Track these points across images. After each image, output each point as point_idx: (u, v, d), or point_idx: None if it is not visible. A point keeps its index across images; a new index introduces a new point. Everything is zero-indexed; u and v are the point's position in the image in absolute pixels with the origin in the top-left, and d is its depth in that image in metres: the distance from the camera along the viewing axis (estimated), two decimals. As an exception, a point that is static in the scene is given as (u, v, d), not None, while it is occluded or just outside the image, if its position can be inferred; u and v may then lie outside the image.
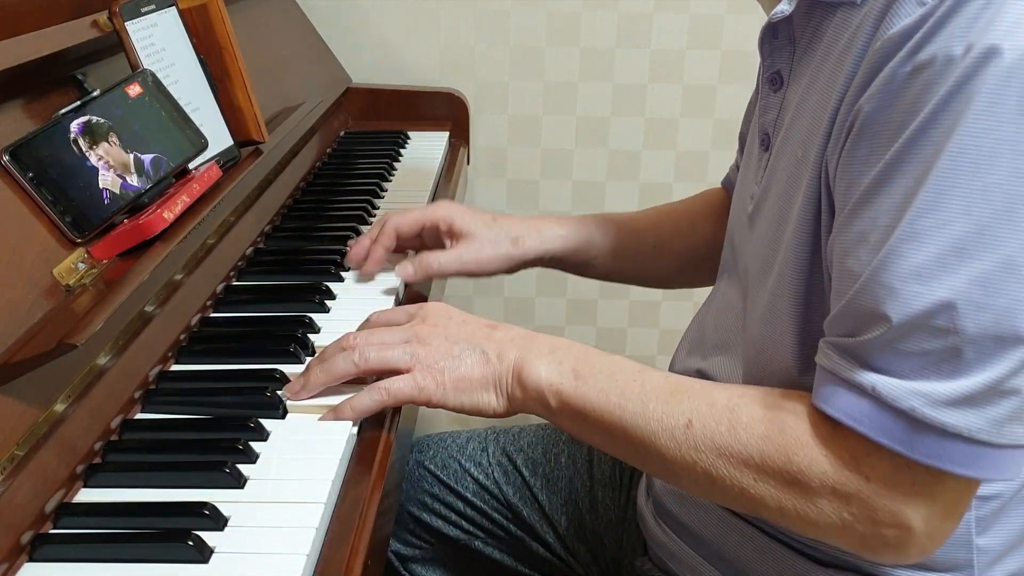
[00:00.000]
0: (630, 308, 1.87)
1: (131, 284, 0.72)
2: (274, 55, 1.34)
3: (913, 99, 0.57)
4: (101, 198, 0.77)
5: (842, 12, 0.65)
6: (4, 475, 0.60)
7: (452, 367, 0.74)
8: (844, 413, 0.60)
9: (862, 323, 0.60)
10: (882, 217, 0.58)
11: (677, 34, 1.68)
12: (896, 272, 0.57)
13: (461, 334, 0.75)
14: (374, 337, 0.76)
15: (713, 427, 0.66)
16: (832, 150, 0.63)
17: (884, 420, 0.59)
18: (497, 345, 0.75)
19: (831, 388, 0.62)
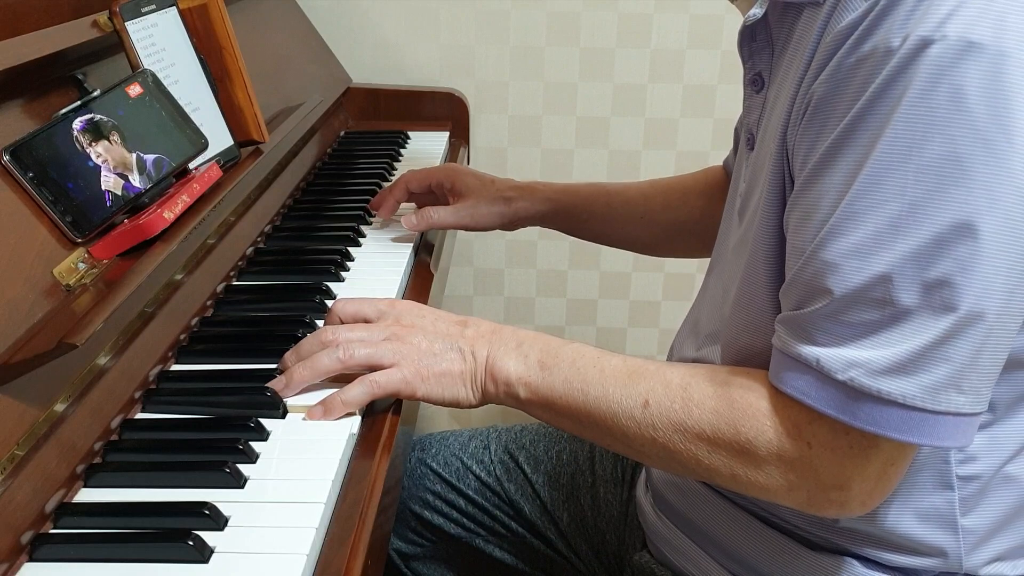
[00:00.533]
0: (630, 308, 1.87)
1: (131, 284, 0.72)
2: (274, 55, 1.34)
3: (856, 87, 0.61)
4: (102, 197, 0.77)
5: (808, 12, 0.69)
6: (4, 475, 0.60)
7: (434, 363, 0.78)
8: (793, 387, 0.65)
9: (807, 296, 0.64)
10: (825, 196, 0.63)
11: (677, 34, 1.68)
12: (837, 249, 0.62)
13: (437, 332, 0.80)
14: (355, 334, 0.79)
15: (668, 405, 0.71)
16: (791, 132, 0.67)
17: (826, 391, 0.63)
18: (470, 342, 0.79)
19: (780, 364, 0.67)
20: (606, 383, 0.74)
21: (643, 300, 1.86)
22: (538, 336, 0.80)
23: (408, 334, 0.79)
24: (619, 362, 0.76)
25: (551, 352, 0.77)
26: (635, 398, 0.72)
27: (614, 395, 0.73)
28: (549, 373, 0.76)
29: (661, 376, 0.73)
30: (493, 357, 0.78)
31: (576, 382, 0.75)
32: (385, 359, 0.77)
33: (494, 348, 0.78)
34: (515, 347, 0.78)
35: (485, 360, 0.78)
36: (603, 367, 0.75)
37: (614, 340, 1.89)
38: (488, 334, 0.80)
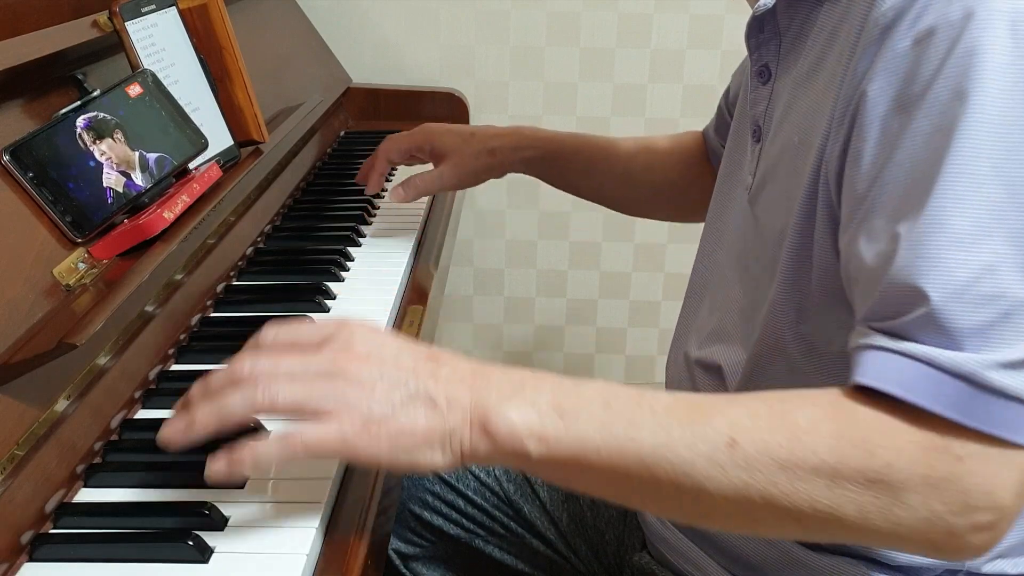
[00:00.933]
0: (630, 308, 1.87)
1: (131, 284, 0.72)
2: (274, 55, 1.34)
3: (919, 69, 0.56)
4: (103, 197, 0.77)
5: (827, 5, 0.66)
6: (4, 475, 0.60)
7: (390, 416, 0.57)
8: (904, 387, 0.55)
9: (902, 304, 0.56)
10: (911, 191, 0.57)
11: (677, 34, 1.68)
12: (935, 242, 0.55)
13: (399, 370, 0.59)
14: (281, 366, 0.59)
15: (766, 438, 0.56)
16: (834, 141, 0.62)
17: (943, 386, 0.54)
18: (445, 388, 0.59)
19: (885, 364, 0.56)
20: (665, 423, 0.58)
21: (643, 300, 1.86)
22: (540, 374, 0.61)
23: (358, 371, 0.58)
24: (668, 397, 0.60)
25: (568, 392, 0.60)
26: (714, 438, 0.56)
27: (682, 438, 0.57)
28: (574, 420, 0.58)
29: (741, 406, 0.59)
30: (483, 408, 0.58)
31: (619, 427, 0.58)
32: (320, 404, 0.57)
33: (482, 396, 0.59)
34: (513, 391, 0.59)
35: (469, 413, 0.58)
36: (651, 405, 0.59)
37: (614, 340, 1.89)
38: (470, 376, 0.60)
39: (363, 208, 1.21)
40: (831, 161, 0.63)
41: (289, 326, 0.63)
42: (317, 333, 0.61)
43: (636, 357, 1.90)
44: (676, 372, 0.89)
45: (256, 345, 0.62)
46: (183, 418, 0.60)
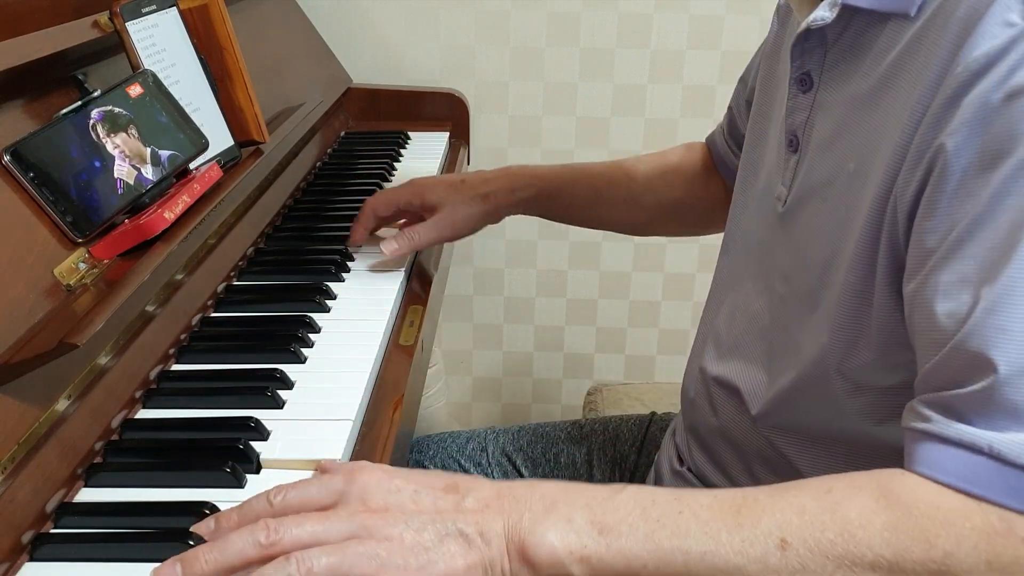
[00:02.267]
0: (630, 308, 1.87)
1: (132, 284, 0.72)
2: (274, 55, 1.34)
3: (1010, 127, 0.54)
4: (105, 196, 0.77)
5: (893, 23, 0.63)
6: (5, 475, 0.60)
7: (428, 563, 0.56)
8: (964, 479, 0.54)
9: (965, 373, 0.55)
10: (987, 255, 0.55)
11: (677, 34, 1.68)
12: (1011, 313, 0.53)
13: (423, 514, 0.58)
14: (305, 529, 0.56)
15: (818, 536, 0.55)
16: (905, 186, 0.60)
17: (1009, 479, 0.53)
18: (475, 519, 0.58)
19: (941, 455, 0.55)
20: (711, 530, 0.56)
21: (643, 300, 1.86)
22: (567, 487, 0.60)
23: (383, 524, 0.57)
24: (708, 499, 0.58)
25: (604, 505, 0.58)
26: (763, 540, 0.55)
27: (731, 543, 0.55)
28: (616, 535, 0.56)
29: (786, 503, 0.57)
30: (518, 532, 0.57)
31: (663, 538, 0.56)
32: (357, 568, 0.55)
33: (514, 520, 0.57)
34: (545, 511, 0.58)
35: (504, 539, 0.57)
36: (693, 509, 0.57)
37: (614, 340, 1.89)
38: (495, 501, 0.58)
39: (363, 208, 1.21)
40: (902, 204, 0.61)
41: (293, 486, 0.60)
42: (326, 490, 0.60)
43: (636, 357, 1.90)
44: (693, 384, 0.88)
45: (261, 509, 0.59)
46: None
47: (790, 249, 0.75)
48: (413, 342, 0.91)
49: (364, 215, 1.07)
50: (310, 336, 0.87)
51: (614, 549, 0.56)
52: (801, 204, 0.73)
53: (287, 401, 0.77)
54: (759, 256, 0.80)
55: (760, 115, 0.85)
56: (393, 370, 0.85)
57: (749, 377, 0.79)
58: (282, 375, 0.79)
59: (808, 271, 0.71)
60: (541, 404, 1.96)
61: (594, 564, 0.56)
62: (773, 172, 0.79)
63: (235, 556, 0.55)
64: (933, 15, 0.60)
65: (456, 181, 1.07)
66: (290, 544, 0.56)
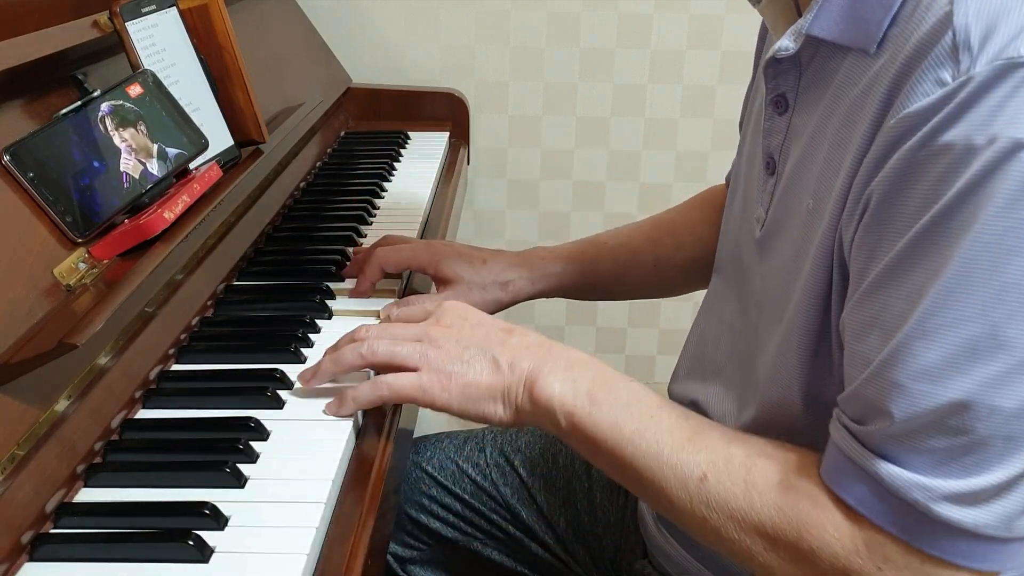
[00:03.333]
0: (630, 308, 1.87)
1: (132, 284, 0.72)
2: (274, 55, 1.34)
3: (930, 186, 0.54)
4: (105, 196, 0.77)
5: (853, 57, 0.63)
6: (5, 475, 0.60)
7: (460, 372, 0.72)
8: (853, 497, 0.59)
9: (868, 413, 0.58)
10: (893, 306, 0.56)
11: (677, 34, 1.68)
12: (904, 370, 0.55)
13: (474, 338, 0.73)
14: (386, 332, 0.75)
15: (728, 486, 0.63)
16: (846, 223, 0.61)
17: (889, 509, 0.57)
18: (511, 352, 0.72)
19: (841, 469, 0.60)
20: (661, 440, 0.66)
21: (643, 300, 1.86)
22: (592, 361, 0.72)
23: (442, 336, 0.73)
24: (679, 418, 0.68)
25: (605, 384, 0.70)
26: (692, 468, 0.64)
27: (668, 458, 0.65)
28: (597, 408, 0.68)
29: (725, 448, 0.65)
30: (536, 373, 0.70)
31: (627, 428, 0.67)
32: (408, 360, 0.73)
33: (539, 363, 0.71)
34: (564, 368, 0.71)
35: (525, 375, 0.71)
36: (660, 419, 0.67)
37: (614, 340, 1.89)
38: (535, 347, 0.73)
39: (363, 208, 1.21)
40: (847, 232, 0.61)
41: (408, 301, 0.86)
42: (422, 310, 0.81)
43: (636, 357, 1.90)
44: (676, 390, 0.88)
45: (383, 320, 0.81)
46: (310, 369, 0.77)
47: (764, 276, 0.74)
48: (413, 342, 0.91)
49: (372, 268, 0.97)
50: (310, 336, 0.87)
51: (592, 418, 0.68)
52: (775, 231, 0.72)
53: (287, 401, 0.77)
54: (739, 280, 0.80)
55: (744, 131, 0.85)
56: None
57: (721, 404, 0.79)
58: (282, 375, 0.79)
59: (775, 304, 0.71)
60: (541, 404, 1.96)
61: (574, 421, 0.69)
62: (753, 193, 0.77)
63: (348, 362, 0.75)
64: (890, 57, 0.59)
65: (477, 260, 0.99)
66: (370, 337, 0.75)
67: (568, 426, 0.69)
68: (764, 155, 0.74)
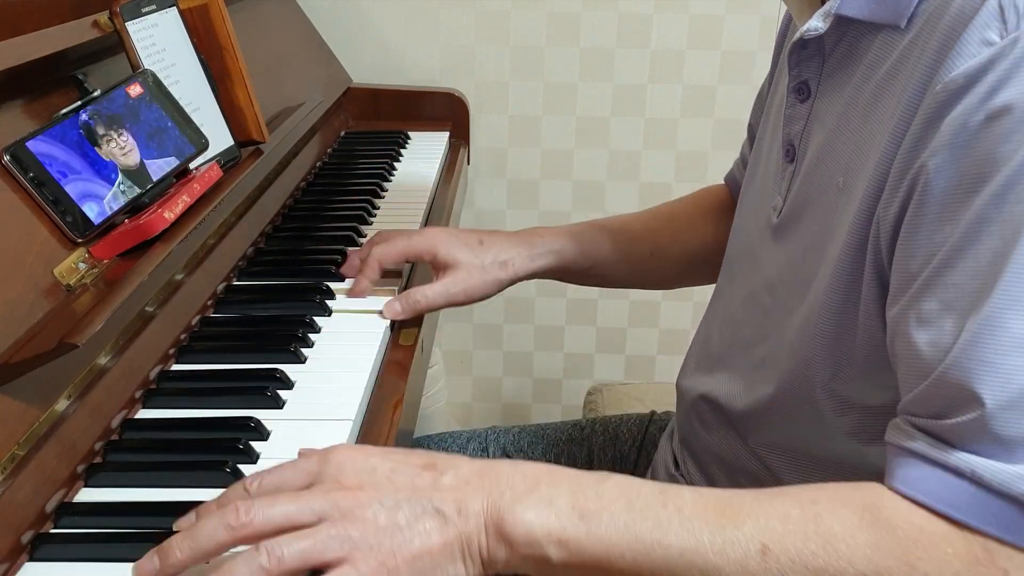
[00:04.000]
0: (630, 308, 1.87)
1: (132, 284, 0.72)
2: (275, 55, 1.34)
3: (990, 149, 0.52)
4: (105, 196, 0.77)
5: (884, 35, 0.62)
6: (5, 475, 0.60)
7: (402, 543, 0.55)
8: (951, 505, 0.53)
9: (949, 406, 0.54)
10: (969, 283, 0.53)
11: (677, 34, 1.68)
12: (995, 345, 0.52)
13: (399, 492, 0.57)
14: (276, 512, 0.55)
15: (800, 547, 0.54)
16: (887, 206, 0.59)
17: (994, 509, 0.52)
18: (452, 496, 0.57)
19: (929, 478, 0.54)
20: (693, 527, 0.56)
21: (643, 300, 1.86)
22: (553, 469, 0.60)
23: (356, 504, 0.55)
24: (693, 495, 0.58)
25: (587, 491, 0.58)
26: (745, 544, 0.55)
27: (711, 543, 0.55)
28: (596, 522, 0.56)
29: (771, 509, 0.56)
30: (498, 509, 0.56)
31: (645, 531, 0.56)
32: (329, 552, 0.54)
33: (494, 497, 0.57)
34: (527, 490, 0.57)
35: (483, 516, 0.56)
36: (678, 505, 0.57)
37: (614, 340, 1.89)
38: (476, 477, 0.58)
39: (364, 208, 1.21)
40: (884, 224, 0.60)
41: (269, 471, 0.59)
42: (301, 472, 0.58)
43: (636, 357, 1.90)
44: (683, 398, 0.88)
45: (237, 496, 0.57)
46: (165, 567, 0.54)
47: (780, 261, 0.74)
48: (413, 342, 0.91)
49: (369, 267, 0.96)
50: (310, 336, 0.87)
51: (594, 536, 0.56)
52: (795, 216, 0.72)
53: (287, 401, 0.77)
54: (749, 267, 0.80)
55: (763, 125, 0.84)
56: (393, 370, 0.85)
57: (728, 388, 0.79)
58: (282, 375, 0.79)
59: (795, 285, 0.70)
60: (541, 404, 1.96)
61: (572, 548, 0.56)
62: (770, 183, 0.77)
63: (207, 541, 0.54)
64: (921, 28, 0.59)
65: (474, 242, 0.97)
66: (261, 526, 0.54)
67: (564, 557, 0.56)
68: (784, 143, 0.73)
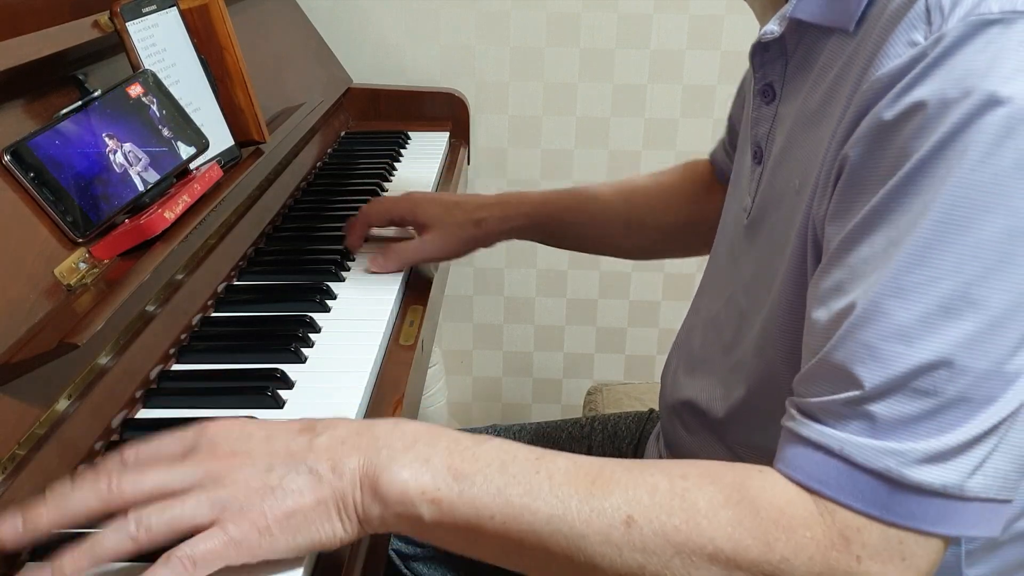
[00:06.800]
0: (630, 308, 1.87)
1: (132, 284, 0.72)
2: (275, 55, 1.34)
3: (901, 144, 0.54)
4: (105, 196, 0.77)
5: (836, 38, 0.63)
6: (5, 475, 0.60)
7: (274, 503, 0.55)
8: (820, 482, 0.55)
9: (832, 384, 0.55)
10: (862, 268, 0.55)
11: (677, 34, 1.68)
12: (877, 330, 0.53)
13: (273, 454, 0.57)
14: (146, 484, 0.55)
15: (664, 520, 0.54)
16: (820, 199, 0.61)
17: (862, 485, 0.54)
18: (327, 455, 0.56)
19: (803, 456, 0.56)
20: (562, 494, 0.56)
21: (643, 300, 1.86)
22: (432, 429, 0.59)
23: (228, 469, 0.55)
24: (567, 463, 0.58)
25: (464, 453, 0.57)
26: (611, 513, 0.55)
27: (578, 511, 0.55)
28: (469, 483, 0.56)
29: (642, 481, 0.56)
30: (372, 467, 0.56)
31: (515, 494, 0.56)
32: (198, 517, 0.54)
33: (370, 455, 0.56)
34: (403, 448, 0.57)
35: (359, 474, 0.56)
36: (550, 472, 0.57)
37: (614, 340, 1.89)
38: (353, 436, 0.58)
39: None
40: (818, 218, 0.61)
41: (145, 442, 0.58)
42: (178, 444, 0.58)
43: (636, 357, 1.90)
44: (665, 400, 0.88)
45: (115, 465, 0.57)
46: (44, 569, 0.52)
47: (751, 263, 0.75)
48: (413, 342, 0.91)
49: (359, 222, 1.07)
50: (310, 336, 0.87)
51: (466, 496, 0.56)
52: (761, 217, 0.73)
53: (287, 401, 0.77)
54: (730, 270, 0.80)
55: (743, 126, 0.85)
56: (393, 370, 0.85)
57: (709, 393, 0.79)
58: (282, 375, 0.80)
59: (762, 287, 0.71)
60: (541, 404, 1.96)
61: (443, 508, 0.56)
62: (743, 183, 0.78)
63: (77, 505, 0.54)
64: (865, 31, 0.60)
65: (451, 203, 1.06)
66: (132, 494, 0.54)
67: (436, 516, 0.56)
68: (752, 145, 0.75)
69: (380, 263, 1.02)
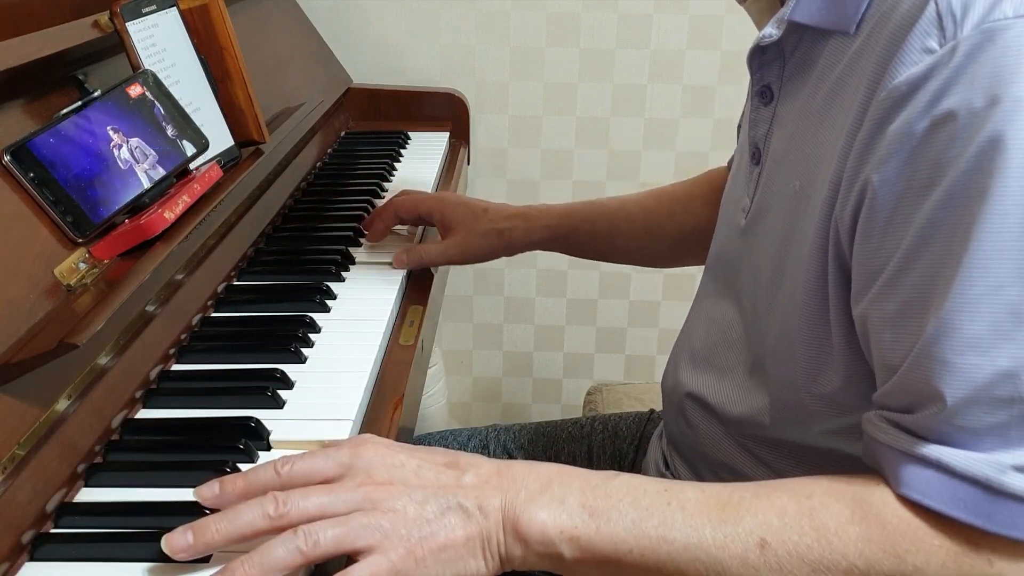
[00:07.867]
0: (630, 308, 1.87)
1: (132, 284, 0.72)
2: (275, 55, 1.34)
3: (935, 157, 0.54)
4: (105, 197, 0.77)
5: (836, 40, 0.64)
6: (5, 474, 0.60)
7: (430, 535, 0.58)
8: (918, 491, 0.56)
9: (917, 400, 0.56)
10: (926, 285, 0.55)
11: (677, 34, 1.68)
12: (951, 345, 0.54)
13: (426, 488, 0.60)
14: (312, 501, 0.58)
15: (796, 540, 0.57)
16: (841, 213, 0.61)
17: (959, 492, 0.54)
18: (475, 494, 0.60)
19: (902, 467, 0.57)
20: (696, 523, 0.58)
21: (643, 300, 1.86)
22: (564, 469, 0.63)
23: (387, 497, 0.59)
24: (695, 492, 0.60)
25: (596, 490, 0.60)
26: (744, 538, 0.57)
27: (713, 538, 0.58)
28: (606, 520, 0.59)
29: (769, 504, 0.59)
30: (514, 509, 0.59)
31: (650, 527, 0.59)
32: (361, 541, 0.57)
33: (511, 496, 0.60)
34: (540, 490, 0.60)
35: (501, 514, 0.59)
36: (681, 502, 0.59)
37: (614, 340, 1.89)
38: (495, 477, 0.61)
39: (364, 208, 1.21)
40: (842, 226, 0.61)
41: (299, 458, 0.61)
42: (332, 462, 0.61)
43: (636, 357, 1.90)
44: (668, 396, 0.88)
45: (268, 478, 0.61)
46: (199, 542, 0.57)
47: (749, 263, 0.75)
48: (413, 342, 0.91)
49: (386, 212, 1.09)
50: (310, 336, 0.87)
51: (603, 532, 0.59)
52: (759, 218, 0.73)
53: (287, 401, 0.77)
54: (728, 271, 0.80)
55: (742, 128, 0.85)
56: (393, 370, 0.85)
57: (719, 389, 0.79)
58: (282, 375, 0.79)
59: (766, 289, 0.71)
60: (541, 404, 1.96)
61: (582, 545, 0.59)
62: (741, 184, 0.79)
63: (245, 526, 0.57)
64: (869, 34, 0.60)
65: (479, 209, 1.07)
66: (297, 517, 0.57)
67: (576, 554, 0.59)
68: (751, 146, 0.75)
69: (404, 260, 1.04)
